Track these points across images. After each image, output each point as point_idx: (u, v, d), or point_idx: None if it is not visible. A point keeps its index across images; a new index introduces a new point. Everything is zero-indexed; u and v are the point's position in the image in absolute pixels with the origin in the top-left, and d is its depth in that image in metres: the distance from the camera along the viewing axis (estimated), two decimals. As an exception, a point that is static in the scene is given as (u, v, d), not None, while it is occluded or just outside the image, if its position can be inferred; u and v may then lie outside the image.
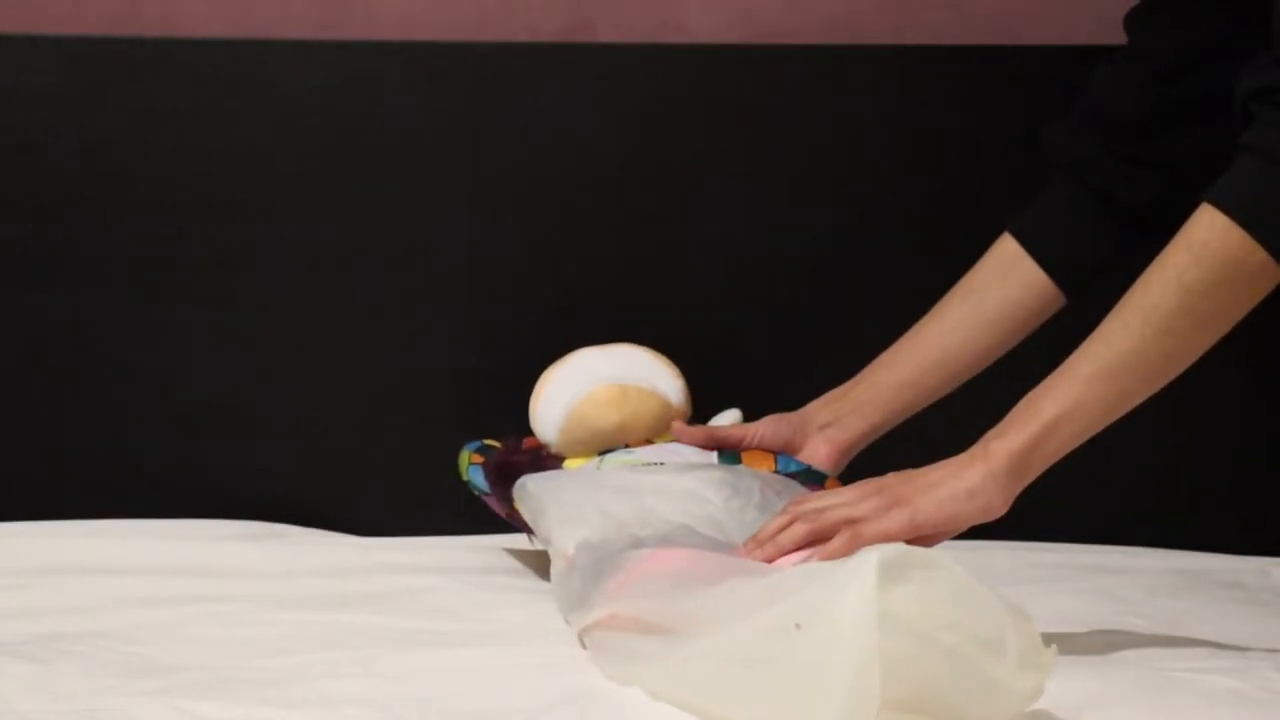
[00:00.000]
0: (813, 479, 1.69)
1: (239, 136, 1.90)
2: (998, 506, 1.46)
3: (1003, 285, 1.72)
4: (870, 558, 1.24)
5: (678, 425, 1.73)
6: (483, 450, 1.74)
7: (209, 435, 1.93)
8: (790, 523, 1.47)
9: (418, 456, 1.90)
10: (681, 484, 1.61)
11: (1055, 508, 1.94)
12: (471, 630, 1.60)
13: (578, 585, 1.52)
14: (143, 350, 1.92)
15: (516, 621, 1.62)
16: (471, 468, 1.73)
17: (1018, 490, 1.47)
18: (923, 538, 1.46)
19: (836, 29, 1.88)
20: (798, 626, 1.25)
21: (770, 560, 1.45)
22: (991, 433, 1.48)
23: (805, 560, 1.44)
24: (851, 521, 1.45)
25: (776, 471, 1.71)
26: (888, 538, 1.43)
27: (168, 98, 1.90)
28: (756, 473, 1.65)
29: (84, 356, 1.92)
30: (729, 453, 1.72)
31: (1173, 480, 1.94)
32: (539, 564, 1.76)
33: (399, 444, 1.94)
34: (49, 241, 1.91)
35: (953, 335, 1.73)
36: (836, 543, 1.44)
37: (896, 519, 1.45)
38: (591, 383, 1.71)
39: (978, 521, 1.47)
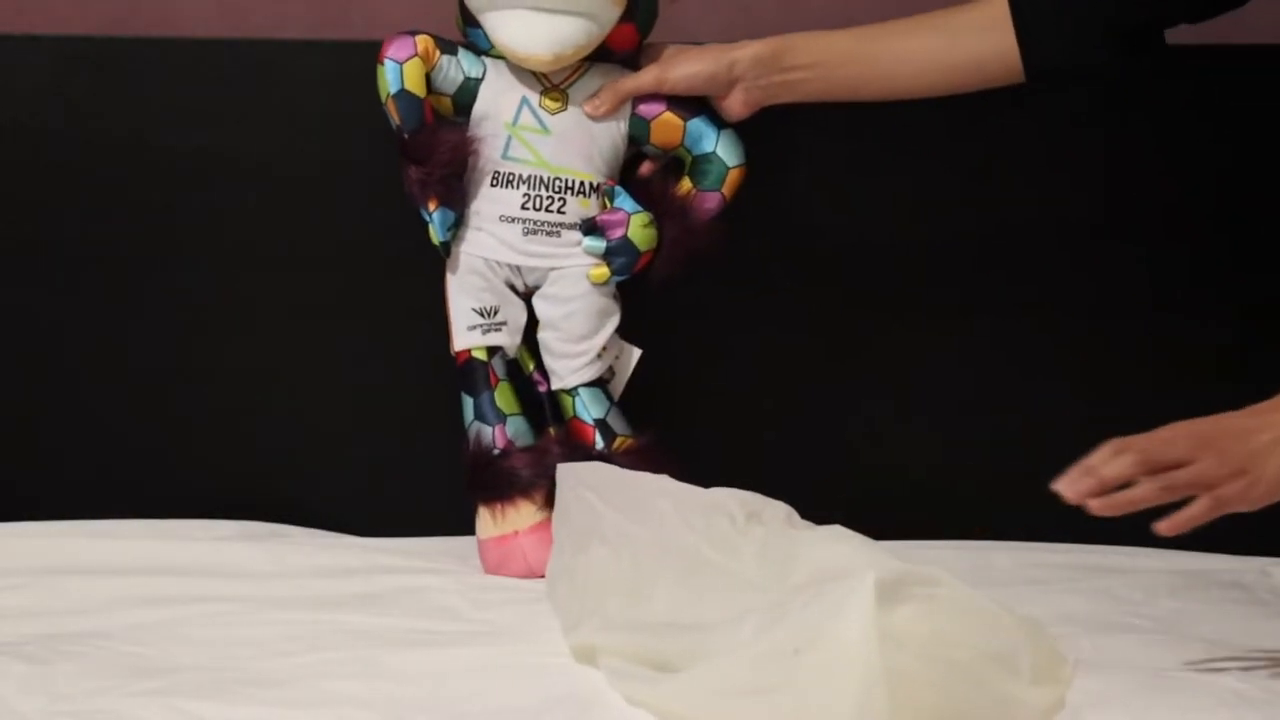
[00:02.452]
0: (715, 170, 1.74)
1: (239, 136, 1.90)
2: None
3: (977, 42, 1.72)
4: (867, 577, 1.24)
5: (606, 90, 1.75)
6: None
7: (209, 435, 1.93)
8: (1137, 474, 1.37)
9: (417, 456, 1.90)
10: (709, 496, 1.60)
11: (1055, 508, 1.94)
12: (471, 630, 1.60)
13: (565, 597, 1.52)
14: (142, 350, 1.92)
15: (516, 621, 1.62)
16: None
17: None
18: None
19: (831, 25, 1.86)
20: (796, 652, 1.24)
21: (1113, 514, 1.38)
22: None
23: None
24: (1204, 487, 1.36)
25: (683, 147, 1.76)
26: (1245, 509, 1.35)
27: (168, 98, 1.90)
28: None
29: (83, 356, 1.92)
30: (638, 119, 1.76)
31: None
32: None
33: (399, 444, 1.94)
34: (48, 241, 1.91)
35: (910, 63, 1.74)
36: (1198, 510, 1.35)
37: (1253, 493, 1.36)
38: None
39: None
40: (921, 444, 1.95)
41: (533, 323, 1.80)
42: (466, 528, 1.80)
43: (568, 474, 1.66)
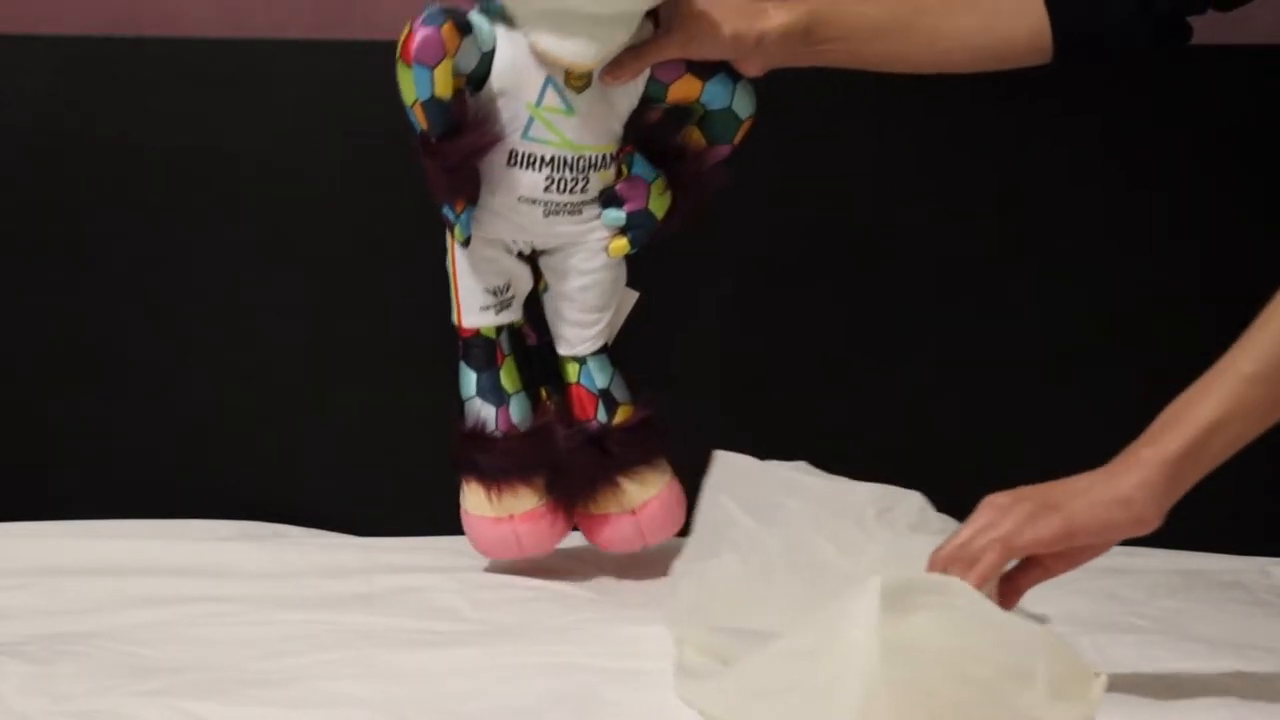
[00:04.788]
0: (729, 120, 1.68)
1: (239, 136, 1.90)
2: (1152, 518, 1.34)
3: (1011, 23, 1.68)
4: (873, 581, 1.23)
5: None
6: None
7: (209, 435, 1.93)
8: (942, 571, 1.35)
9: (418, 456, 1.90)
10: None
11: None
12: (471, 630, 1.60)
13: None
14: (143, 350, 1.92)
15: (516, 621, 1.62)
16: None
17: (1173, 501, 1.35)
18: (1075, 551, 1.35)
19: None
20: (812, 654, 1.24)
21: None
22: (1140, 440, 1.36)
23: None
24: (1000, 539, 1.33)
25: (698, 103, 1.68)
26: (1040, 545, 1.34)
27: (168, 98, 1.90)
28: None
29: (84, 356, 1.92)
30: (656, 83, 1.68)
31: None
32: (538, 564, 1.77)
33: (399, 444, 1.94)
34: (48, 241, 1.91)
35: (942, 42, 1.69)
36: (987, 558, 1.33)
37: (1048, 525, 1.33)
38: None
39: (1131, 534, 1.35)
40: (923, 446, 1.95)
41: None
42: (466, 528, 1.80)
43: (716, 470, 1.61)
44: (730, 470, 1.60)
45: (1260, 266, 1.94)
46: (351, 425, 1.94)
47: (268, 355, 1.93)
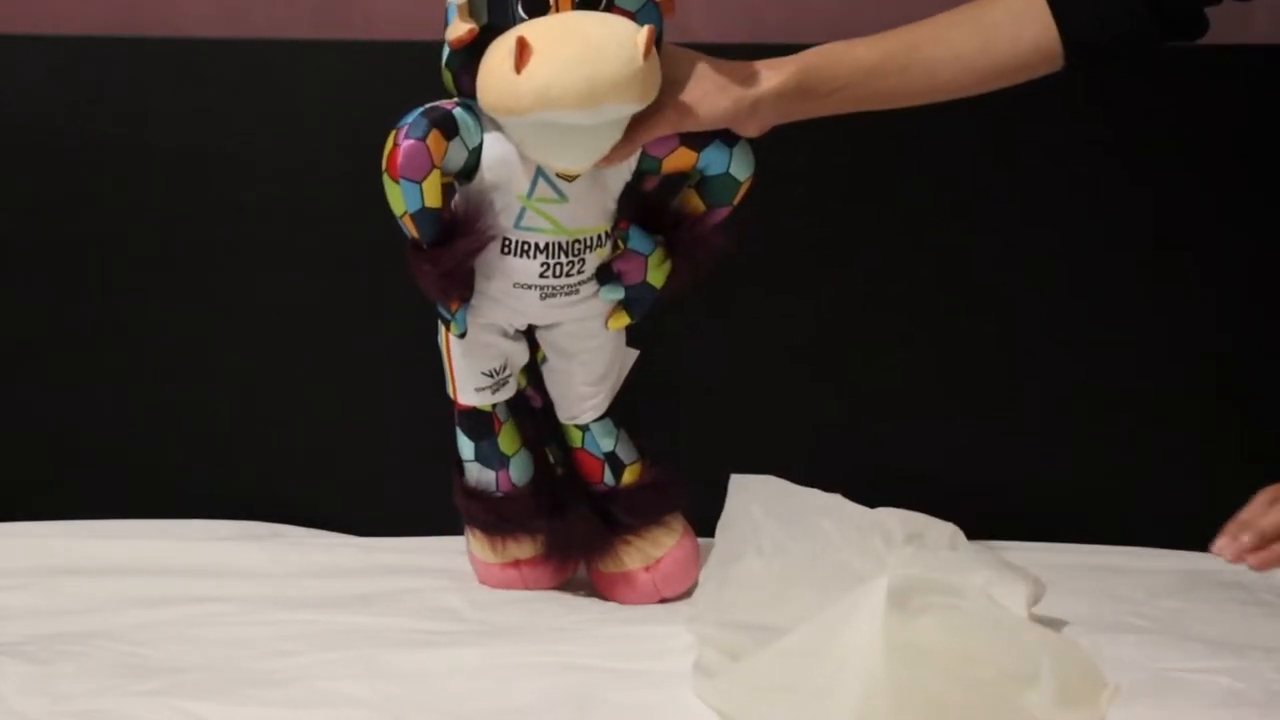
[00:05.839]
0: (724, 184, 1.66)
1: (239, 136, 1.90)
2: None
3: (1013, 37, 1.62)
4: (879, 581, 1.23)
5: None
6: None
7: (209, 435, 1.93)
8: None
9: (418, 456, 1.90)
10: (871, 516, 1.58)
11: (1056, 508, 1.94)
12: (471, 630, 1.61)
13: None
14: (142, 350, 1.92)
15: (516, 621, 1.63)
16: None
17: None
18: None
19: (838, 30, 1.86)
20: (815, 654, 1.25)
21: (1254, 550, 1.36)
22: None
23: None
24: None
25: (695, 170, 1.64)
26: None
27: (168, 98, 1.90)
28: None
29: (83, 356, 1.92)
30: (650, 158, 1.63)
31: (1173, 480, 1.94)
32: (539, 564, 1.77)
33: (399, 444, 1.94)
34: (48, 241, 1.91)
35: (945, 69, 1.62)
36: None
37: None
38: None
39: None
40: (922, 446, 1.95)
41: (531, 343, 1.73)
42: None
43: (740, 486, 1.63)
44: (763, 487, 1.61)
45: (1260, 266, 1.95)
46: (351, 425, 1.94)
47: (268, 355, 1.93)
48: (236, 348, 1.93)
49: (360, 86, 1.88)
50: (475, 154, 1.59)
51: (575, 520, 1.71)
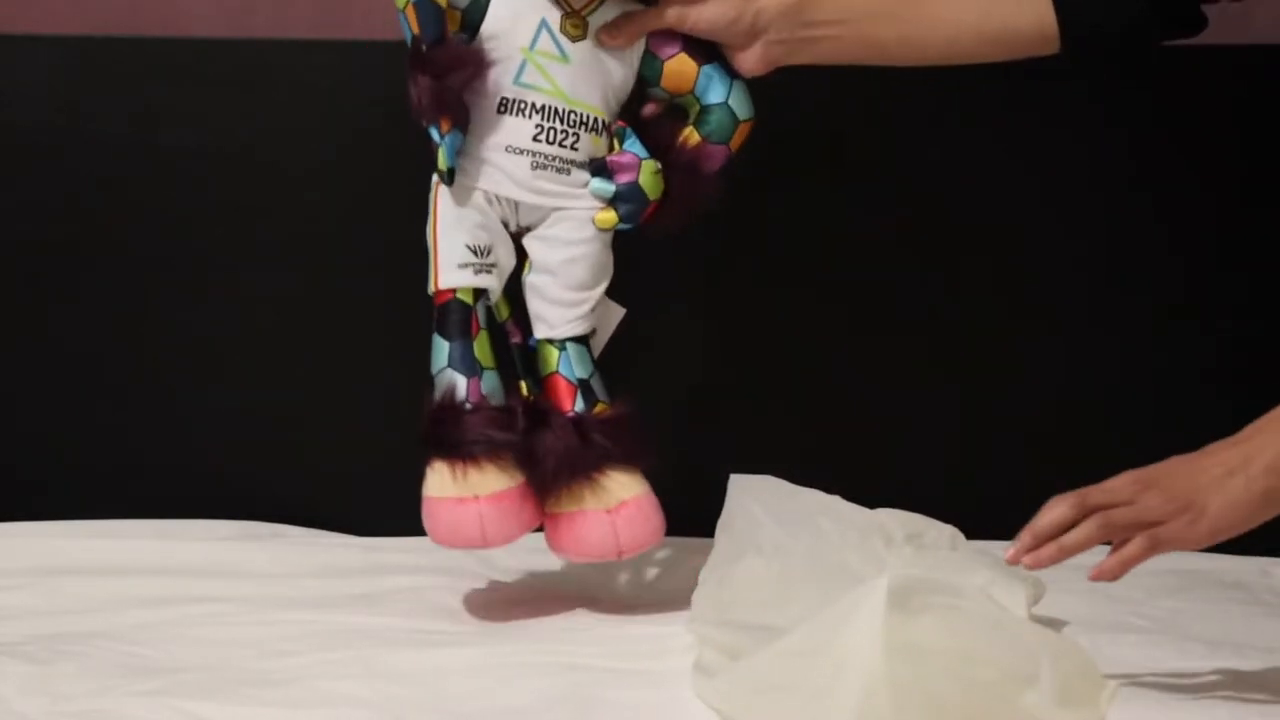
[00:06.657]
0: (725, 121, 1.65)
1: (239, 136, 1.90)
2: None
3: (1015, 11, 1.64)
4: (880, 582, 1.24)
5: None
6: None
7: (209, 435, 1.93)
8: (1075, 518, 1.36)
9: (417, 456, 1.90)
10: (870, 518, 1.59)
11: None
12: (471, 630, 1.61)
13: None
14: (142, 350, 1.92)
15: (516, 621, 1.62)
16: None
17: None
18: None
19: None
20: (814, 653, 1.25)
21: (1053, 563, 1.37)
22: (1252, 429, 1.38)
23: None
24: (1145, 525, 1.34)
25: (693, 94, 1.65)
26: (1186, 548, 1.34)
27: (168, 98, 1.90)
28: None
29: (83, 356, 1.92)
30: (652, 58, 1.66)
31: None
32: (538, 564, 1.76)
33: (399, 444, 1.93)
34: (48, 242, 1.91)
35: (943, 28, 1.65)
36: (1133, 549, 1.33)
37: (1194, 531, 1.33)
38: None
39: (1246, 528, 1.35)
40: (922, 447, 1.95)
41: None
42: (466, 527, 1.79)
43: (740, 486, 1.62)
44: (763, 487, 1.61)
45: (1260, 266, 1.95)
46: (351, 425, 1.94)
47: (268, 355, 1.93)
48: (237, 347, 1.93)
49: (360, 86, 1.88)
50: (485, 1, 1.61)
51: (552, 439, 1.62)
